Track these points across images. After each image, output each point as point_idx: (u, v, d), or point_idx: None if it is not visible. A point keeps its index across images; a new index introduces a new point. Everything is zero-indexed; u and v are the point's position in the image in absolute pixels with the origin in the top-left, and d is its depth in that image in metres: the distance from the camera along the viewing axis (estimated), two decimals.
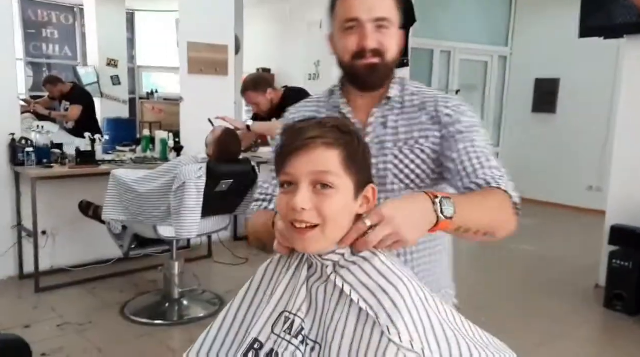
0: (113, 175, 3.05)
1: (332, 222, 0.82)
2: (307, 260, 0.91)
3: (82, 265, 3.82)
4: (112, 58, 7.50)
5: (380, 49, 1.11)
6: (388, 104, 1.17)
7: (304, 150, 0.82)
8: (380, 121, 1.16)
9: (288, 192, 0.84)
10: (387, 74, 1.16)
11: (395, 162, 1.14)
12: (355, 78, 1.16)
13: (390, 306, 0.77)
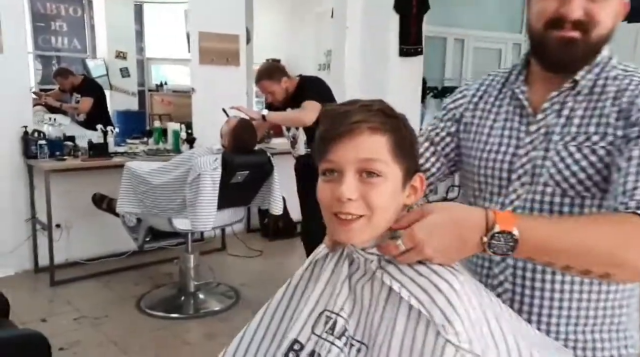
0: (127, 168, 3.02)
1: (380, 213, 0.76)
2: (347, 256, 0.85)
3: (97, 258, 3.81)
4: (121, 50, 7.47)
5: (587, 20, 0.88)
6: (573, 88, 0.94)
7: (348, 135, 0.75)
8: (556, 108, 0.94)
9: (331, 180, 0.78)
10: (586, 55, 0.91)
11: (555, 160, 0.92)
12: (542, 53, 0.93)
13: (444, 303, 0.72)
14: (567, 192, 0.91)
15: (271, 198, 3.02)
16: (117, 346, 2.71)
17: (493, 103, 1.05)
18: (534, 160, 0.94)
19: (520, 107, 1.00)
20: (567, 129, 0.92)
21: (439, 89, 5.73)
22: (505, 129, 1.00)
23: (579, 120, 0.92)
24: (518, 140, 0.98)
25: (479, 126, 1.05)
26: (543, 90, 0.97)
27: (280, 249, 4.27)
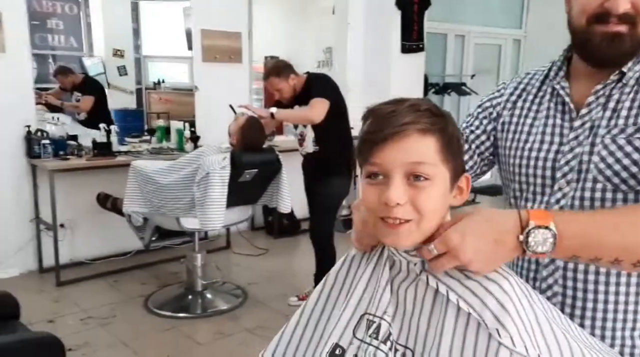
0: (133, 167, 3.00)
1: (428, 217, 0.74)
2: (388, 258, 0.82)
3: (102, 258, 3.79)
4: (118, 48, 7.40)
5: (634, 13, 0.85)
6: (620, 80, 0.90)
7: (397, 137, 0.72)
8: (602, 102, 0.91)
9: (377, 183, 0.74)
10: (634, 48, 0.87)
11: (603, 154, 0.88)
12: (586, 49, 0.90)
13: (495, 306, 0.70)
14: (619, 187, 0.87)
15: (279, 196, 3.01)
16: (128, 346, 2.69)
17: (532, 101, 1.02)
18: (579, 156, 0.91)
19: (562, 104, 0.97)
20: (614, 122, 0.89)
21: (440, 85, 5.73)
22: (548, 126, 0.97)
23: (627, 112, 0.88)
24: (561, 136, 0.95)
25: (519, 125, 1.02)
26: (586, 85, 0.93)
27: (285, 247, 4.26)
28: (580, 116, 0.93)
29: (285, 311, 3.10)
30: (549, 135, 0.97)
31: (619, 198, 0.88)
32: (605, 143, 0.88)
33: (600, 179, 0.89)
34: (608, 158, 0.88)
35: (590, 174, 0.89)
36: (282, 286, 3.46)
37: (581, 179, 0.91)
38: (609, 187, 0.88)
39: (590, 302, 0.92)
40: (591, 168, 0.89)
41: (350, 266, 0.90)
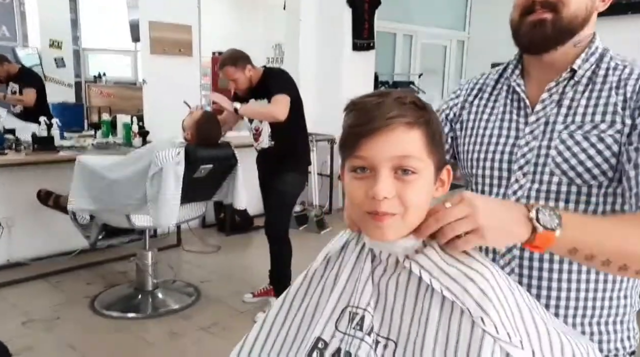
0: (79, 162, 2.86)
1: (414, 210, 0.74)
2: (369, 251, 0.83)
3: (43, 257, 3.59)
4: (55, 39, 7.06)
5: (555, 1, 0.91)
6: (572, 78, 0.96)
7: (383, 131, 0.71)
8: (555, 98, 0.96)
9: (364, 177, 0.74)
10: (557, 34, 0.93)
11: (560, 148, 0.93)
12: (517, 37, 0.96)
13: (478, 294, 0.71)
14: (574, 181, 0.92)
15: (235, 192, 2.96)
16: (76, 349, 2.57)
17: (488, 98, 1.07)
18: (535, 149, 0.96)
19: (518, 100, 1.01)
20: (571, 119, 0.94)
21: (389, 83, 5.84)
22: (504, 121, 1.02)
23: (584, 109, 0.93)
24: (517, 131, 0.99)
25: (476, 121, 1.07)
26: (539, 82, 0.98)
27: (237, 244, 4.21)
28: (535, 112, 0.97)
29: (239, 308, 3.06)
30: (505, 129, 1.01)
31: (573, 191, 0.93)
32: (563, 138, 0.93)
33: (557, 173, 0.93)
34: (565, 152, 0.92)
35: (547, 167, 0.94)
36: (236, 283, 3.41)
37: (538, 171, 0.95)
38: (565, 181, 0.93)
39: (545, 290, 0.96)
40: (548, 161, 0.94)
41: (328, 261, 0.89)
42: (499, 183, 1.00)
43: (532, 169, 0.96)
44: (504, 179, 1.00)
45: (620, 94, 0.92)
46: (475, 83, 1.11)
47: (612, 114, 0.91)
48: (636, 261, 0.78)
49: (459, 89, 1.14)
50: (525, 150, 0.97)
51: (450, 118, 1.12)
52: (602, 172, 0.91)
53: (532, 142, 0.96)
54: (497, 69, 1.08)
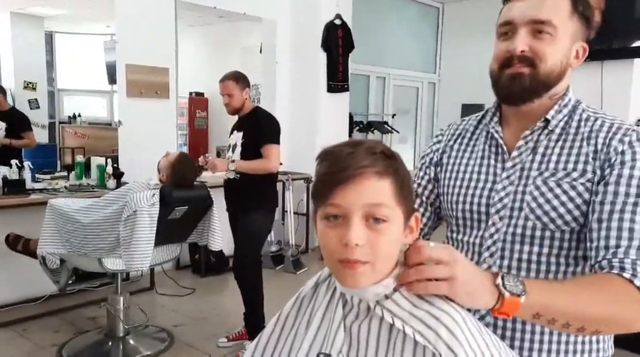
0: (51, 206, 2.81)
1: (385, 259, 0.77)
2: (341, 296, 0.84)
3: (9, 305, 3.46)
4: (30, 81, 7.04)
5: (532, 56, 0.96)
6: (545, 127, 1.01)
7: (356, 180, 0.74)
8: (531, 146, 1.01)
9: (336, 225, 0.76)
10: (535, 87, 0.97)
11: (535, 194, 0.97)
12: (496, 87, 1.01)
13: (447, 336, 0.72)
14: (547, 226, 0.96)
15: (210, 233, 2.94)
16: None
17: (468, 143, 1.12)
18: (512, 194, 0.99)
19: (496, 146, 1.06)
20: (545, 166, 0.98)
21: (364, 123, 5.95)
22: (483, 166, 1.07)
23: (557, 158, 0.98)
24: (495, 176, 1.04)
25: (455, 165, 1.11)
26: (516, 130, 1.03)
27: (213, 286, 4.13)
28: (511, 158, 1.02)
29: (214, 353, 2.98)
30: (483, 174, 1.06)
31: (546, 236, 0.97)
32: (537, 184, 0.98)
33: (531, 217, 0.97)
34: (539, 198, 0.97)
35: (522, 211, 0.98)
36: (211, 326, 3.33)
37: (514, 216, 0.99)
38: (539, 225, 0.97)
39: (519, 333, 0.99)
40: (524, 206, 0.98)
41: (300, 306, 0.90)
42: (478, 225, 1.04)
43: (509, 213, 1.00)
44: (482, 221, 1.04)
45: (591, 144, 0.97)
46: (455, 128, 1.16)
47: (584, 163, 0.96)
48: (593, 323, 0.82)
49: (440, 133, 1.19)
50: (502, 194, 1.01)
51: (434, 161, 1.16)
52: (574, 218, 0.95)
53: (509, 187, 1.01)
54: (477, 115, 1.14)
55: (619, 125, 0.98)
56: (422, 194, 1.17)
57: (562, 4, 0.97)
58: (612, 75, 3.33)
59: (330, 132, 4.90)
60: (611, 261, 0.87)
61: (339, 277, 0.79)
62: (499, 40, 1.01)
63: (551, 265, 0.98)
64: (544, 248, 0.97)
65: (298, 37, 4.98)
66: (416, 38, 6.71)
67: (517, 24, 0.97)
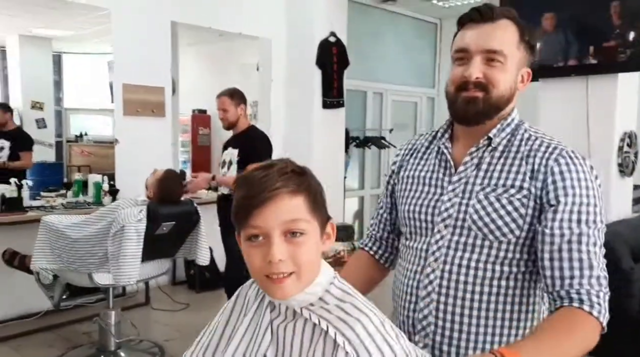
0: (44, 222, 2.89)
1: (307, 267, 0.83)
2: (269, 303, 0.90)
3: (4, 320, 3.53)
4: (37, 100, 7.22)
5: (485, 82, 1.05)
6: (489, 145, 1.09)
7: (271, 201, 0.81)
8: (475, 162, 1.10)
9: (258, 245, 0.83)
10: (487, 110, 1.07)
11: (477, 207, 1.06)
12: (453, 109, 1.11)
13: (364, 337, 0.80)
14: (487, 237, 1.05)
15: (197, 248, 3.00)
16: None
17: (421, 157, 1.22)
18: (457, 205, 1.09)
19: (445, 161, 1.15)
20: (488, 181, 1.07)
21: (361, 138, 6.00)
22: (432, 179, 1.16)
23: (498, 174, 1.07)
24: (442, 188, 1.13)
25: (409, 178, 1.21)
26: (464, 147, 1.13)
27: (207, 301, 4.17)
28: (457, 172, 1.12)
29: None
30: (433, 186, 1.15)
31: (485, 245, 1.06)
32: (479, 198, 1.07)
33: (473, 228, 1.06)
34: (480, 211, 1.06)
35: (466, 222, 1.07)
36: None
37: (458, 225, 1.08)
38: (480, 235, 1.06)
39: (456, 333, 1.08)
40: (467, 218, 1.07)
41: (232, 310, 0.96)
42: (426, 233, 1.13)
43: (453, 223, 1.09)
44: (429, 229, 1.13)
45: (529, 163, 1.05)
46: (413, 144, 1.26)
47: (522, 181, 1.05)
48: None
49: (399, 149, 1.30)
50: (448, 205, 1.10)
51: (393, 177, 1.28)
52: (510, 230, 1.04)
53: (454, 198, 1.10)
54: (431, 132, 1.24)
55: (555, 145, 1.06)
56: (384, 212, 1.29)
57: (511, 34, 1.07)
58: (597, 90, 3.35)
59: (326, 148, 4.96)
60: (569, 292, 0.97)
61: (268, 291, 0.86)
62: (455, 65, 1.10)
63: (487, 271, 1.06)
64: (482, 256, 1.06)
65: (293, 54, 5.07)
66: (414, 54, 6.78)
67: (472, 52, 1.06)
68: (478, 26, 1.07)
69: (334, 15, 4.98)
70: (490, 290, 1.05)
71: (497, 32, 1.06)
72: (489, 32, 1.06)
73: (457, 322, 1.06)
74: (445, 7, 6.32)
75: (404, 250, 1.20)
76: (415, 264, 1.13)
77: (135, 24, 4.09)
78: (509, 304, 1.06)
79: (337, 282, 0.89)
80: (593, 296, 0.96)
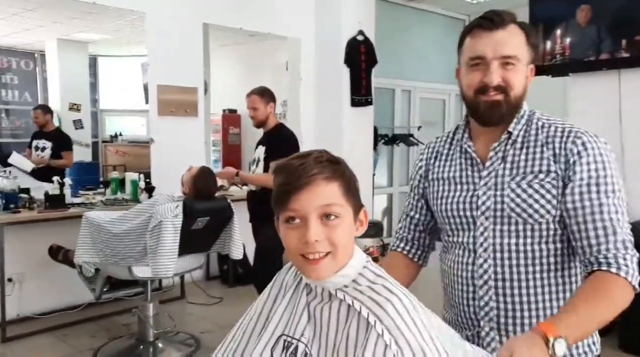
0: (86, 217, 3.03)
1: (342, 248, 0.90)
2: (306, 286, 0.96)
3: (51, 312, 3.71)
4: (75, 102, 7.48)
5: (504, 85, 1.14)
6: (509, 138, 1.18)
7: (308, 186, 0.87)
8: (500, 155, 1.19)
9: (295, 227, 0.89)
10: (510, 111, 1.16)
11: (512, 196, 1.15)
12: (476, 113, 1.19)
13: (394, 316, 0.85)
14: (527, 221, 1.15)
15: (231, 243, 3.09)
16: None
17: (446, 159, 1.30)
18: (492, 198, 1.18)
19: (471, 159, 1.24)
20: (516, 171, 1.17)
21: (389, 136, 6.03)
22: (463, 177, 1.25)
23: (524, 163, 1.16)
24: (474, 184, 1.22)
25: (439, 179, 1.30)
26: (485, 142, 1.22)
27: (240, 296, 4.27)
28: (486, 168, 1.20)
29: None
30: (465, 184, 1.24)
31: (527, 228, 1.16)
32: (512, 187, 1.16)
33: (513, 215, 1.16)
34: (516, 199, 1.15)
35: (504, 211, 1.16)
36: None
37: (497, 216, 1.17)
38: (520, 221, 1.15)
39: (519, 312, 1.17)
40: (504, 207, 1.16)
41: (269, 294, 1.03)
42: (468, 227, 1.22)
43: (492, 214, 1.18)
44: (471, 223, 1.22)
45: (550, 149, 1.15)
46: (433, 148, 1.35)
47: (547, 165, 1.15)
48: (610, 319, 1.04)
49: (419, 158, 1.38)
50: (484, 198, 1.20)
51: (421, 183, 1.36)
52: (547, 211, 1.14)
53: (488, 192, 1.19)
54: (449, 132, 1.33)
55: (570, 129, 1.16)
56: (414, 217, 1.36)
57: (520, 39, 1.16)
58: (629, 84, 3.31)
59: (355, 145, 5.01)
60: (597, 258, 1.08)
61: (304, 271, 0.92)
62: (470, 70, 1.17)
63: (535, 251, 1.16)
64: (527, 238, 1.16)
65: (322, 53, 5.14)
66: (442, 51, 6.75)
67: (489, 59, 1.13)
68: (491, 33, 1.14)
69: (362, 14, 5.03)
70: (541, 268, 1.16)
71: (509, 38, 1.14)
72: (503, 38, 1.13)
73: (517, 302, 1.17)
74: (474, 3, 6.28)
75: (448, 245, 1.29)
76: (465, 256, 1.22)
77: (169, 26, 4.22)
78: (558, 277, 1.17)
79: (370, 266, 0.95)
80: (620, 259, 1.06)
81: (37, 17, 5.59)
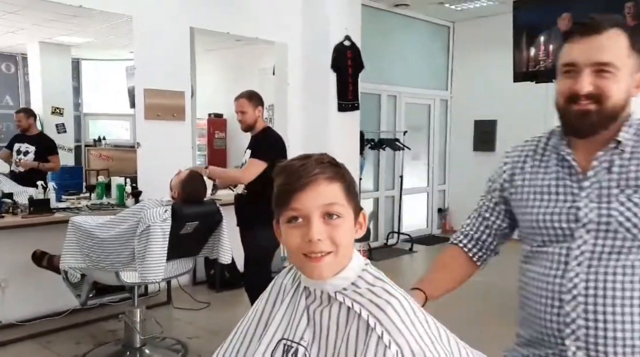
0: (72, 223, 2.99)
1: (343, 249, 0.90)
2: (304, 289, 0.97)
3: (35, 318, 3.65)
4: (57, 106, 7.38)
5: (598, 93, 1.08)
6: (616, 148, 1.12)
7: (310, 185, 0.88)
8: (605, 166, 1.12)
9: (298, 226, 0.90)
10: (602, 122, 1.09)
11: (621, 209, 1.08)
12: (565, 122, 1.13)
13: (394, 318, 0.86)
14: (637, 237, 1.08)
15: (220, 247, 3.08)
16: None
17: (539, 165, 1.23)
18: (596, 210, 1.10)
19: (569, 167, 1.17)
20: (625, 183, 1.09)
21: (375, 140, 6.07)
22: (559, 187, 1.18)
23: (635, 174, 1.09)
24: (573, 195, 1.15)
25: (529, 186, 1.23)
26: (586, 152, 1.15)
27: (227, 300, 4.26)
28: (588, 178, 1.13)
29: None
30: (562, 194, 1.17)
31: (635, 245, 1.09)
32: (621, 200, 1.09)
33: (621, 230, 1.08)
34: (626, 212, 1.08)
35: (610, 225, 1.09)
36: (224, 338, 3.42)
37: (602, 229, 1.10)
38: (629, 237, 1.08)
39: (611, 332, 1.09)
40: (612, 221, 1.09)
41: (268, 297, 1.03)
42: (564, 239, 1.15)
43: (595, 227, 1.11)
44: (567, 235, 1.15)
45: None
46: (521, 150, 1.28)
47: None
48: None
49: (504, 160, 1.31)
50: (587, 210, 1.12)
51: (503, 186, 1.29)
52: None
53: (591, 204, 1.12)
54: (539, 138, 1.27)
55: None
56: (488, 219, 1.34)
57: (621, 44, 1.09)
58: None
59: (341, 150, 5.02)
60: None
61: (305, 271, 0.92)
62: (563, 77, 1.13)
63: (637, 268, 1.08)
64: (631, 255, 1.09)
65: (308, 58, 5.16)
66: (427, 56, 6.84)
67: (581, 66, 1.09)
68: (584, 39, 1.09)
69: (349, 20, 5.07)
70: None
71: (605, 44, 1.08)
72: (597, 44, 1.08)
73: (609, 321, 1.08)
74: (458, 10, 6.37)
75: (534, 255, 1.22)
76: (554, 269, 1.15)
77: (156, 30, 4.21)
78: None
79: (370, 269, 0.96)
80: None
81: (19, 19, 5.52)
